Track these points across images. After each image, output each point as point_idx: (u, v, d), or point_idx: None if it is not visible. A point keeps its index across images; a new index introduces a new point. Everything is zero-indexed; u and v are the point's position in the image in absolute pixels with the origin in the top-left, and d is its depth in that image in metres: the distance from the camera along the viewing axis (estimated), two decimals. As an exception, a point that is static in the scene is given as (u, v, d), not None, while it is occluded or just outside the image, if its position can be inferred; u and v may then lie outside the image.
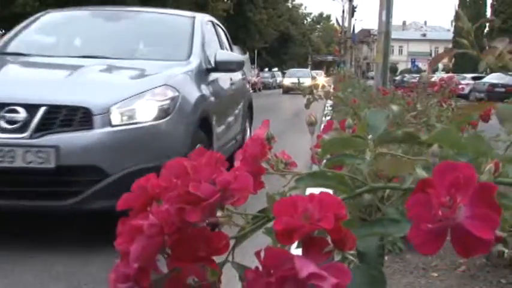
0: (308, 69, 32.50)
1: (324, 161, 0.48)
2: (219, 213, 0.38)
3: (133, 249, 0.37)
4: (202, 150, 0.41)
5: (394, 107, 0.51)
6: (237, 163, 0.44)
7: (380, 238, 0.39)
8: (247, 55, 27.52)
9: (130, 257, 0.37)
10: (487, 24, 44.66)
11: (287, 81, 26.90)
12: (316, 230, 0.35)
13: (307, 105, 2.79)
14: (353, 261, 0.36)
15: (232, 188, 0.38)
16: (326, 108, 9.52)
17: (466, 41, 0.52)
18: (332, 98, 5.45)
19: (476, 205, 0.32)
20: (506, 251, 2.37)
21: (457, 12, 0.55)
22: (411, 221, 0.34)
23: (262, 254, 0.35)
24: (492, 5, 44.73)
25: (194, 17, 4.45)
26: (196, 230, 0.38)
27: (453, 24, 52.08)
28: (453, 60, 52.02)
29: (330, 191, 0.40)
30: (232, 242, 0.39)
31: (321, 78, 24.29)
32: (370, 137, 0.46)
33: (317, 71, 35.41)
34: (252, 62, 31.14)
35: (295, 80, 27.22)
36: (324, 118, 9.02)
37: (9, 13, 13.02)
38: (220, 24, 5.47)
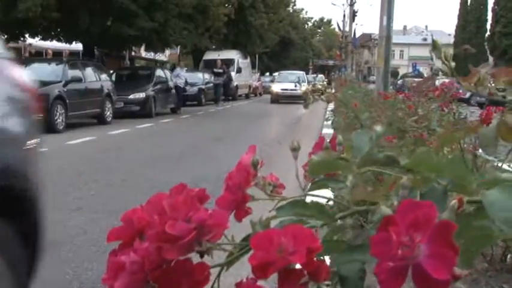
0: (303, 73, 27.50)
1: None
2: (197, 248, 0.39)
3: (118, 285, 0.38)
4: (182, 187, 0.42)
5: (378, 128, 0.50)
6: (222, 191, 0.45)
7: (362, 262, 0.40)
8: (248, 59, 27.54)
9: None
10: (488, 29, 44.70)
11: (277, 88, 22.57)
12: (290, 264, 0.35)
13: (305, 105, 2.78)
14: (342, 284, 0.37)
15: (209, 224, 0.39)
16: (327, 111, 9.49)
17: (446, 68, 0.55)
18: (333, 101, 5.40)
19: (435, 244, 0.33)
20: (509, 255, 2.35)
21: (434, 41, 0.56)
22: (375, 257, 0.34)
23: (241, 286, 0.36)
24: (493, 10, 44.80)
25: None
26: (178, 264, 0.38)
27: (455, 30, 52.14)
28: (454, 64, 51.87)
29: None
30: (218, 269, 0.40)
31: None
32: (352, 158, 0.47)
33: (313, 75, 30.62)
34: (253, 67, 31.18)
35: (287, 86, 22.71)
36: (325, 122, 9.02)
37: (12, 19, 13.05)
38: None
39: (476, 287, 2.26)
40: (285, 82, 22.93)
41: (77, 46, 17.81)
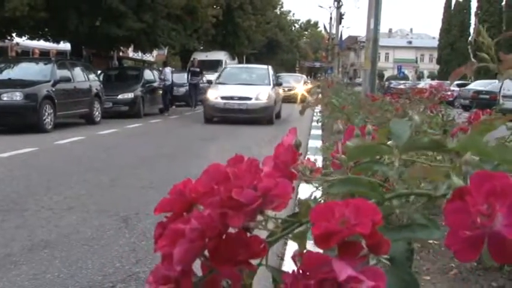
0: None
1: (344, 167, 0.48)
2: (258, 218, 0.39)
3: (177, 252, 0.37)
4: (240, 158, 0.41)
5: (416, 117, 0.52)
6: (265, 169, 0.44)
7: (408, 242, 0.40)
8: (236, 60, 27.53)
9: (174, 260, 0.37)
10: (471, 32, 45.28)
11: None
12: (353, 235, 0.35)
13: (301, 112, 2.83)
14: (387, 265, 0.36)
15: (273, 194, 0.39)
16: (316, 114, 9.56)
17: (486, 55, 0.53)
18: (323, 103, 5.45)
19: None
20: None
21: (478, 28, 0.56)
22: (449, 227, 0.34)
23: (298, 258, 0.36)
24: (476, 14, 45.47)
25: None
26: (236, 234, 0.39)
27: (439, 33, 52.72)
28: (439, 67, 52.67)
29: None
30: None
31: (300, 87, 20.60)
32: (392, 144, 0.47)
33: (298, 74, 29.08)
34: (241, 68, 31.10)
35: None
36: (314, 123, 9.09)
37: (-1, 18, 12.88)
38: None
39: (465, 285, 2.32)
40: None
41: (64, 46, 17.63)
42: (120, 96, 12.79)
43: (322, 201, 0.43)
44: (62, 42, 16.80)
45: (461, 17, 50.34)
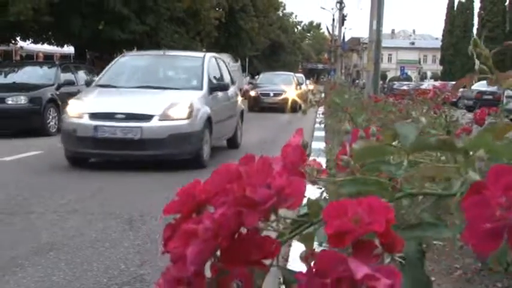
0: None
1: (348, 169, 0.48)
2: (272, 217, 0.39)
3: (190, 252, 0.37)
4: (251, 157, 0.41)
5: (423, 119, 0.53)
6: (275, 169, 0.43)
7: (419, 243, 0.40)
8: (238, 63, 27.56)
9: (187, 260, 0.37)
10: (474, 33, 45.19)
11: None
12: (367, 233, 0.35)
13: (304, 112, 2.84)
14: (402, 263, 0.36)
15: (287, 192, 0.38)
16: (318, 115, 9.55)
17: (484, 67, 0.54)
18: (326, 105, 5.44)
19: None
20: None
21: (474, 40, 0.56)
22: (467, 221, 0.35)
23: (311, 258, 0.37)
24: (479, 15, 45.40)
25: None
26: (248, 234, 0.38)
27: (442, 34, 52.62)
28: (442, 67, 52.61)
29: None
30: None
31: (292, 91, 16.30)
32: (399, 144, 0.47)
33: (298, 75, 24.22)
34: (244, 70, 31.22)
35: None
36: (317, 125, 9.08)
37: (3, 22, 12.94)
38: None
39: (470, 286, 2.32)
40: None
41: (68, 49, 17.71)
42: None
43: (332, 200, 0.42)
44: (65, 45, 16.89)
45: (464, 17, 50.28)
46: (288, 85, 16.84)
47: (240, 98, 8.24)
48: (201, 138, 5.85)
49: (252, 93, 17.14)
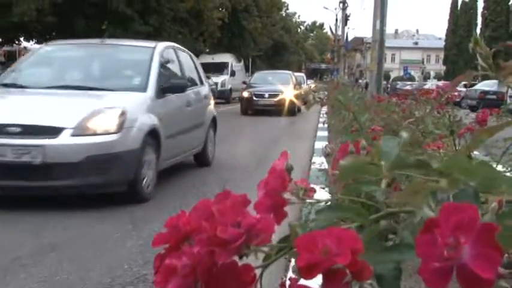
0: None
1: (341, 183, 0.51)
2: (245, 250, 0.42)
3: None
4: (227, 193, 0.44)
5: (404, 134, 0.54)
6: (259, 193, 0.47)
7: (396, 263, 0.41)
8: (241, 63, 27.60)
9: None
10: (478, 33, 45.07)
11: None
12: (334, 265, 0.37)
13: (307, 107, 2.83)
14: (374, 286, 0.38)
15: (257, 229, 0.41)
16: (322, 115, 9.53)
17: (485, 64, 0.55)
18: (329, 104, 5.42)
19: (479, 245, 0.35)
20: (505, 255, 2.39)
21: (475, 38, 0.57)
22: (420, 258, 0.36)
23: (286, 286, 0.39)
24: (483, 14, 45.26)
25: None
26: (226, 265, 0.41)
27: (446, 34, 52.52)
28: (445, 67, 52.50)
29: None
30: (259, 271, 0.43)
31: (289, 91, 14.17)
32: (383, 163, 0.49)
33: (297, 74, 21.54)
34: (247, 70, 31.27)
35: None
36: (320, 125, 9.08)
37: (7, 22, 13.01)
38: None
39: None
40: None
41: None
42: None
43: (312, 225, 0.45)
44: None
45: (467, 17, 50.15)
46: (285, 85, 14.81)
47: (212, 102, 6.37)
48: (139, 160, 4.04)
49: (245, 94, 15.12)
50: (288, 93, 13.99)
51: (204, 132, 5.85)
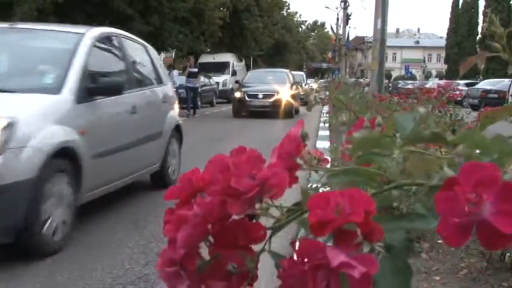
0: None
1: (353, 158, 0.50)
2: (257, 206, 0.41)
3: (180, 236, 0.40)
4: (243, 149, 0.44)
5: (421, 109, 0.53)
6: (272, 159, 0.46)
7: (407, 231, 0.41)
8: (243, 62, 27.59)
9: (177, 244, 0.40)
10: (479, 31, 45.01)
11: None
12: (347, 223, 0.37)
13: (309, 108, 2.83)
14: (381, 252, 0.38)
15: (270, 183, 0.41)
16: (322, 114, 9.52)
17: (498, 45, 0.55)
18: (330, 104, 5.42)
19: (500, 202, 0.35)
20: (507, 254, 2.39)
21: (490, 17, 0.57)
22: (439, 215, 0.36)
23: (297, 244, 0.38)
24: (484, 13, 45.15)
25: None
26: (237, 221, 0.41)
27: (447, 33, 52.42)
28: (446, 66, 52.43)
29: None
30: (268, 233, 0.42)
31: (285, 92, 12.96)
32: (398, 136, 0.48)
33: (295, 73, 19.63)
34: (248, 69, 31.26)
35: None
36: (321, 124, 9.07)
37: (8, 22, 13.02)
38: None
39: (476, 285, 2.30)
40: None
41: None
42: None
43: (323, 190, 0.44)
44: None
45: (468, 16, 50.05)
46: (281, 84, 13.49)
47: (176, 106, 5.17)
48: (35, 195, 2.86)
49: (237, 94, 13.79)
50: (284, 94, 12.99)
51: (163, 145, 4.61)
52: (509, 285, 2.28)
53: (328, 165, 0.48)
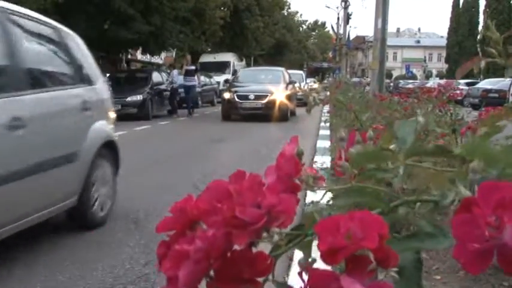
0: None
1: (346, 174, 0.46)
2: (264, 235, 0.38)
3: (182, 274, 0.37)
4: (242, 173, 0.41)
5: (420, 118, 0.52)
6: (269, 179, 0.43)
7: (416, 251, 0.39)
8: (243, 62, 27.60)
9: (179, 282, 0.37)
10: (480, 31, 44.99)
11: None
12: (360, 249, 0.34)
13: (308, 110, 2.83)
14: (396, 278, 0.35)
15: (278, 210, 0.38)
16: (323, 114, 9.52)
17: (493, 51, 0.53)
18: (331, 103, 5.42)
19: None
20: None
21: (486, 22, 0.55)
22: (456, 239, 0.34)
23: (305, 275, 0.36)
24: (485, 12, 45.09)
25: None
26: (240, 252, 0.38)
27: (448, 32, 52.38)
28: (447, 65, 52.37)
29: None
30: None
31: (280, 92, 11.94)
32: (395, 148, 0.46)
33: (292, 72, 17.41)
34: (248, 69, 31.22)
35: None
36: (322, 124, 9.07)
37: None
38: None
39: (476, 285, 2.30)
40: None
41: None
42: (128, 99, 12.86)
43: (326, 212, 0.42)
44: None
45: (469, 15, 49.99)
46: (275, 84, 12.29)
47: (111, 115, 4.04)
48: None
49: (226, 95, 12.51)
50: (278, 94, 11.79)
51: (81, 171, 3.32)
52: (510, 285, 2.28)
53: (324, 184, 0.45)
